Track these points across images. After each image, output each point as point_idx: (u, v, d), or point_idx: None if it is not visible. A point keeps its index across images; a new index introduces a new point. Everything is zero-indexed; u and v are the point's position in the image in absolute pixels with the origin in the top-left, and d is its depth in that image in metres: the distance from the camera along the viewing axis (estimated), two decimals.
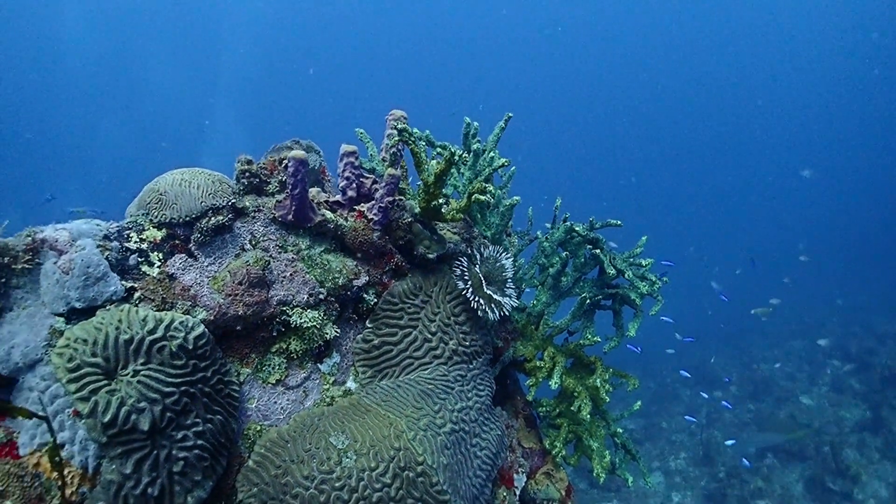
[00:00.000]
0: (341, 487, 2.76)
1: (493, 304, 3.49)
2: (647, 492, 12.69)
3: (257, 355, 3.02)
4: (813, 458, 12.63)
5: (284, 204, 3.10)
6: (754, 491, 12.04)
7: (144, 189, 3.01)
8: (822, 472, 12.11)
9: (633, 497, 12.55)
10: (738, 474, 12.58)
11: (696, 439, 14.33)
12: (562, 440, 4.11)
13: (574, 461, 4.21)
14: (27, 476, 2.44)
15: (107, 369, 2.45)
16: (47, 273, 2.57)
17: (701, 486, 12.77)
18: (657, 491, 12.84)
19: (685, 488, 12.83)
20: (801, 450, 12.85)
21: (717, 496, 12.17)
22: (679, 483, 13.03)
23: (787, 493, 11.92)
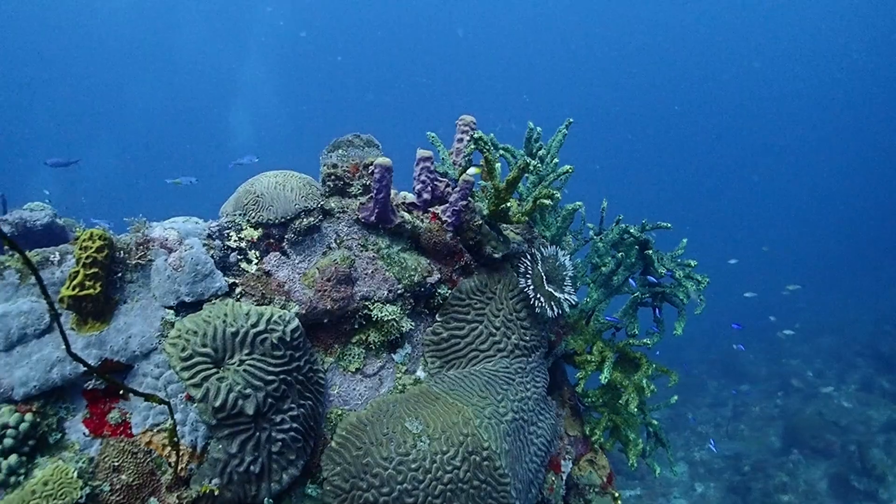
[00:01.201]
0: (417, 469, 3.07)
1: (552, 301, 3.77)
2: (671, 481, 12.95)
3: (339, 346, 3.34)
4: (839, 455, 12.79)
5: (368, 206, 3.40)
6: (778, 485, 12.24)
7: (240, 190, 3.32)
8: (848, 471, 12.26)
9: (657, 485, 12.81)
10: (763, 468, 12.80)
11: (721, 431, 14.56)
12: (602, 428, 4.41)
13: (609, 446, 4.51)
14: (140, 453, 2.76)
15: (215, 359, 2.77)
16: (159, 269, 2.88)
17: (725, 478, 13.00)
18: (681, 481, 13.10)
19: (709, 479, 13.07)
20: (827, 447, 13.02)
21: (740, 489, 12.39)
22: (703, 474, 13.27)
23: (812, 489, 12.11)
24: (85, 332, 2.71)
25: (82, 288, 2.64)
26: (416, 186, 3.65)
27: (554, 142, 4.19)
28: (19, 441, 2.53)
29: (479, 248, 3.72)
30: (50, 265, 2.76)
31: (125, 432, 2.76)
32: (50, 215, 5.64)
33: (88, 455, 2.67)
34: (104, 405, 2.76)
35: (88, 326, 2.71)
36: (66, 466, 2.59)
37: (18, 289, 2.71)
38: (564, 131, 4.18)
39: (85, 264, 2.64)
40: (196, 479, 2.73)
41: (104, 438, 2.73)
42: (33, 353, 2.62)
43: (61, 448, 2.66)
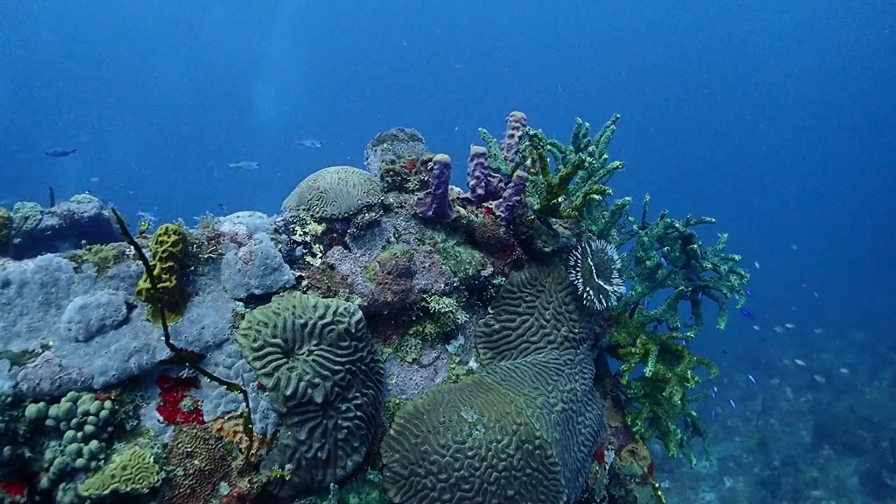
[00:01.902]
0: (473, 456, 3.18)
1: (601, 293, 3.87)
2: (700, 475, 13.00)
3: (397, 337, 3.46)
4: (871, 452, 12.77)
5: (425, 201, 3.51)
6: (809, 481, 12.26)
7: (303, 186, 3.45)
8: (880, 467, 12.24)
9: (686, 478, 12.87)
10: (793, 463, 12.82)
11: (750, 425, 14.58)
12: (643, 418, 4.52)
13: (649, 436, 4.61)
14: (211, 439, 2.89)
15: (285, 349, 2.90)
16: (229, 262, 3.01)
17: (754, 472, 13.03)
18: (709, 474, 13.14)
19: (738, 473, 13.10)
20: (858, 443, 13.01)
21: (770, 483, 12.42)
22: (732, 468, 13.30)
23: (843, 485, 12.12)
24: (160, 323, 2.84)
25: (159, 281, 2.77)
26: (471, 182, 3.75)
27: (602, 137, 4.27)
28: (99, 427, 2.67)
29: (530, 242, 3.82)
30: (126, 259, 2.89)
31: (197, 419, 2.90)
32: (97, 207, 5.81)
33: (162, 441, 2.81)
34: (177, 393, 2.90)
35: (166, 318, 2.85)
36: (143, 452, 2.72)
37: (96, 281, 2.85)
38: (613, 127, 4.27)
39: (161, 258, 2.77)
40: (266, 464, 2.86)
41: (177, 425, 2.86)
42: (111, 344, 2.76)
43: (137, 434, 2.80)
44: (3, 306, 2.71)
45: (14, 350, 2.66)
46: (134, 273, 2.88)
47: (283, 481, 2.86)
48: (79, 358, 2.70)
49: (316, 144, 9.01)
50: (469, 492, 3.15)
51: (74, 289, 2.81)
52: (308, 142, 9.07)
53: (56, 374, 2.64)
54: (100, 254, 2.87)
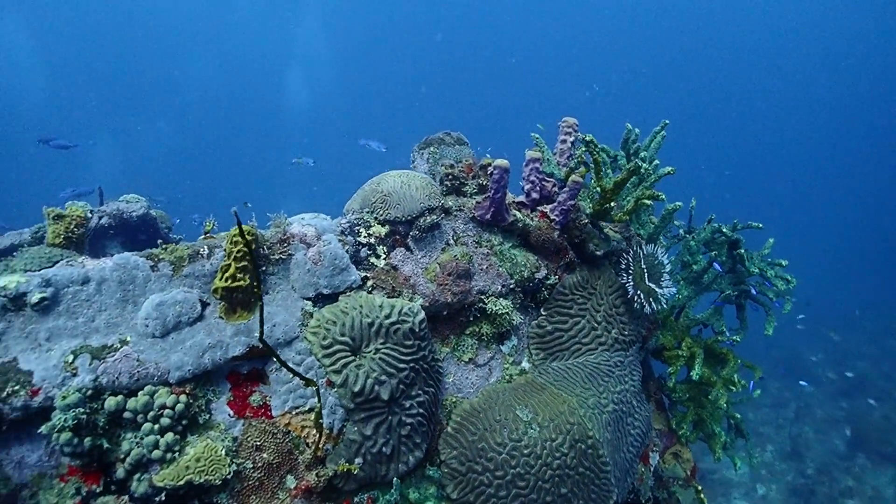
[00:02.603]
0: (529, 454, 3.29)
1: (651, 297, 3.96)
2: (732, 482, 12.95)
3: (455, 336, 3.58)
4: None
5: (484, 205, 3.63)
6: (844, 490, 12.17)
7: (366, 189, 3.58)
8: None
9: (718, 485, 12.82)
10: (828, 471, 12.74)
11: (783, 433, 14.50)
12: (688, 422, 4.59)
13: (693, 438, 4.69)
14: (279, 434, 3.02)
15: (353, 347, 3.02)
16: (298, 263, 3.14)
17: (787, 480, 12.95)
18: (741, 482, 13.09)
19: (770, 481, 13.03)
20: (895, 452, 12.91)
21: (803, 492, 12.34)
22: (764, 476, 13.23)
23: (879, 495, 12.01)
24: (233, 320, 2.97)
25: (234, 280, 2.90)
26: (526, 186, 3.87)
27: (653, 143, 4.36)
28: (174, 420, 2.80)
29: (582, 246, 3.92)
30: (200, 258, 3.03)
31: (265, 414, 3.02)
32: (145, 206, 6.00)
33: (232, 435, 2.94)
34: (246, 389, 3.03)
35: (237, 315, 2.98)
36: (216, 445, 2.85)
37: (172, 280, 2.99)
38: (663, 133, 4.36)
39: (236, 258, 2.91)
40: (332, 458, 2.99)
41: (246, 420, 2.99)
42: (186, 340, 2.90)
43: (208, 428, 2.93)
44: (83, 303, 2.86)
45: (94, 345, 2.80)
46: (208, 272, 3.02)
47: (348, 475, 2.98)
48: (155, 353, 2.84)
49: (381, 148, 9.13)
50: (524, 489, 3.26)
51: (151, 286, 2.96)
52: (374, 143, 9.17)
53: (134, 369, 2.78)
54: (175, 253, 3.02)
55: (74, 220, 3.86)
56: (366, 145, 9.38)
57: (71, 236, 3.84)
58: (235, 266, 2.91)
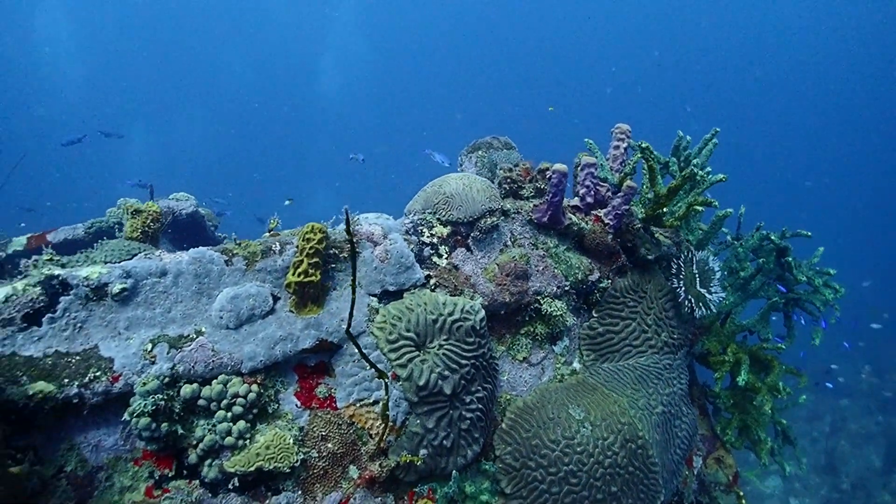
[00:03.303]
0: (581, 452, 3.42)
1: (700, 301, 4.07)
2: (765, 494, 12.94)
3: (510, 336, 3.72)
4: None
5: (541, 208, 3.77)
6: None
7: (428, 191, 3.73)
8: None
9: (751, 498, 12.80)
10: (863, 486, 12.69)
11: (818, 446, 14.46)
12: (733, 427, 4.69)
13: (739, 445, 4.78)
14: (343, 425, 3.17)
15: (418, 343, 3.17)
16: (366, 260, 3.30)
17: (821, 494, 12.92)
18: (774, 494, 13.07)
19: (804, 495, 13.00)
20: None
21: None
22: (798, 489, 13.20)
23: None
24: (304, 314, 3.13)
25: (306, 275, 3.06)
26: (580, 191, 4.00)
27: (705, 150, 4.47)
28: (246, 409, 2.96)
29: (633, 250, 4.04)
30: (272, 254, 3.20)
31: (331, 405, 3.18)
32: (194, 205, 6.21)
33: (299, 424, 3.09)
34: (313, 381, 3.19)
35: (307, 310, 3.14)
36: (284, 433, 3.01)
37: (245, 274, 3.16)
38: (715, 140, 4.47)
39: (308, 254, 3.07)
40: (394, 449, 3.14)
41: (312, 410, 3.15)
42: (259, 332, 3.06)
43: (276, 417, 3.09)
44: (160, 294, 3.03)
45: (171, 334, 2.97)
46: (280, 267, 3.19)
47: (409, 466, 3.12)
48: (229, 344, 3.00)
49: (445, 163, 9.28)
50: (576, 486, 3.38)
51: (225, 280, 3.12)
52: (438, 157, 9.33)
53: (209, 358, 2.95)
54: (248, 248, 3.19)
55: (151, 216, 4.06)
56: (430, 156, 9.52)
57: (147, 231, 4.05)
58: (308, 262, 3.07)
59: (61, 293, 2.89)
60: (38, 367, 2.75)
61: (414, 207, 3.75)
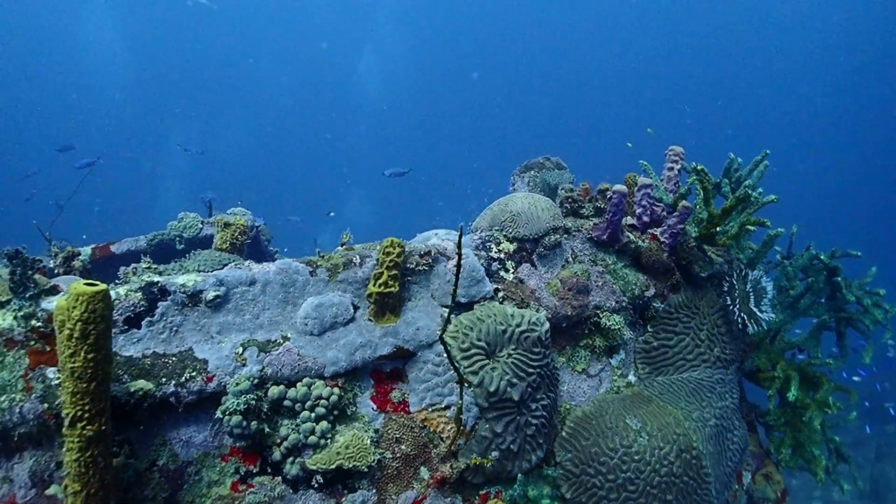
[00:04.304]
0: (639, 460, 3.67)
1: (752, 319, 4.32)
2: None
3: (570, 347, 4.00)
4: None
5: (601, 226, 4.05)
6: None
7: (494, 209, 4.04)
8: None
9: None
10: None
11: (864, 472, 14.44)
12: (787, 446, 4.89)
13: (794, 465, 4.97)
14: (416, 428, 3.46)
15: (488, 351, 3.46)
16: (439, 273, 3.61)
17: None
18: None
19: None
20: None
21: None
22: None
23: None
24: (382, 323, 3.44)
25: (386, 286, 3.37)
26: (637, 210, 4.27)
27: (756, 172, 4.72)
28: (328, 410, 3.25)
29: (687, 268, 4.31)
30: (353, 266, 3.51)
31: (404, 409, 3.47)
32: (250, 219, 6.56)
33: (375, 427, 3.38)
34: (388, 386, 3.48)
35: (385, 319, 3.45)
36: (362, 434, 3.30)
37: (328, 284, 3.47)
38: (766, 163, 4.72)
39: (388, 266, 3.37)
40: (464, 452, 3.41)
41: (387, 414, 3.44)
42: (340, 338, 3.36)
43: (354, 419, 3.38)
44: (249, 302, 3.35)
45: (259, 339, 3.28)
46: (360, 279, 3.49)
47: (478, 469, 3.40)
48: (313, 349, 3.31)
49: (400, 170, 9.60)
50: (633, 493, 3.64)
51: (308, 290, 3.44)
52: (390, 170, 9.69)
53: (295, 362, 3.25)
54: (331, 260, 3.50)
55: (238, 229, 4.42)
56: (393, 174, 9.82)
57: (235, 242, 4.41)
58: (388, 274, 3.37)
59: (159, 299, 3.21)
60: (137, 367, 3.07)
61: (481, 224, 4.06)
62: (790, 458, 4.92)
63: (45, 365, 3.03)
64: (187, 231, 6.34)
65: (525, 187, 5.32)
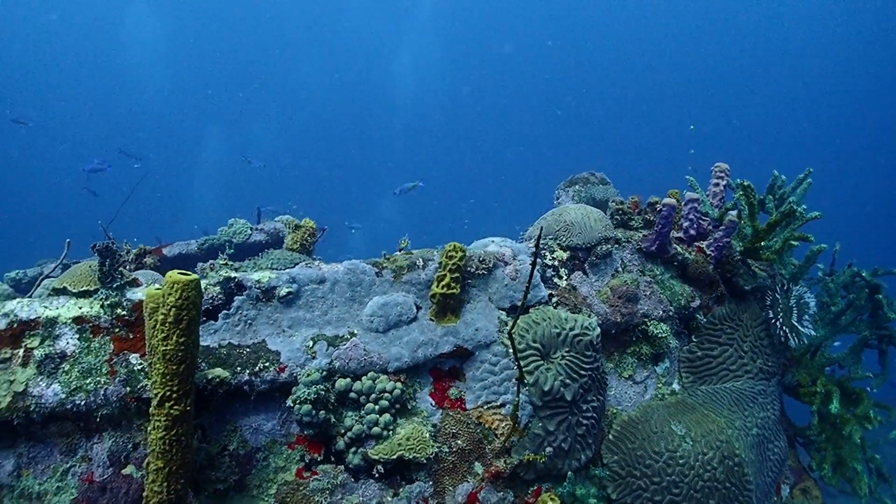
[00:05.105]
0: (683, 464, 3.88)
1: (794, 333, 4.53)
2: None
3: (618, 354, 4.23)
4: None
5: (650, 238, 4.30)
6: None
7: (548, 219, 4.31)
8: None
9: None
10: None
11: None
12: (829, 462, 5.05)
13: (835, 482, 5.13)
14: (471, 424, 3.70)
15: (542, 353, 3.71)
16: (497, 278, 3.87)
17: None
18: None
19: None
20: None
21: None
22: None
23: None
24: (443, 323, 3.70)
25: (449, 288, 3.64)
26: (684, 223, 4.52)
27: (800, 189, 4.95)
28: (391, 403, 3.51)
29: (732, 280, 4.53)
30: (416, 269, 3.78)
31: (461, 406, 3.72)
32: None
33: (432, 421, 3.63)
34: (445, 383, 3.74)
35: (446, 319, 3.71)
36: (421, 428, 3.54)
37: (392, 284, 3.74)
38: (809, 180, 4.94)
39: (450, 269, 3.64)
40: (517, 449, 3.65)
41: (444, 410, 3.68)
42: (404, 336, 3.63)
43: (413, 413, 3.63)
44: (318, 299, 3.63)
45: (328, 334, 3.55)
46: (423, 280, 3.76)
47: (529, 465, 3.63)
48: (378, 345, 3.57)
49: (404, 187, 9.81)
50: (678, 496, 3.85)
51: (374, 289, 3.71)
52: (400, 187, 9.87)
53: (362, 357, 3.51)
54: (396, 262, 3.77)
55: (308, 231, 4.74)
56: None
57: (305, 244, 4.72)
58: (450, 276, 3.64)
59: (236, 293, 3.50)
60: (214, 356, 3.36)
61: (534, 233, 4.32)
62: (832, 474, 5.05)
63: (129, 351, 3.32)
64: (237, 236, 6.64)
65: (570, 201, 5.57)
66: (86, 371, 3.23)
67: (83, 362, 3.25)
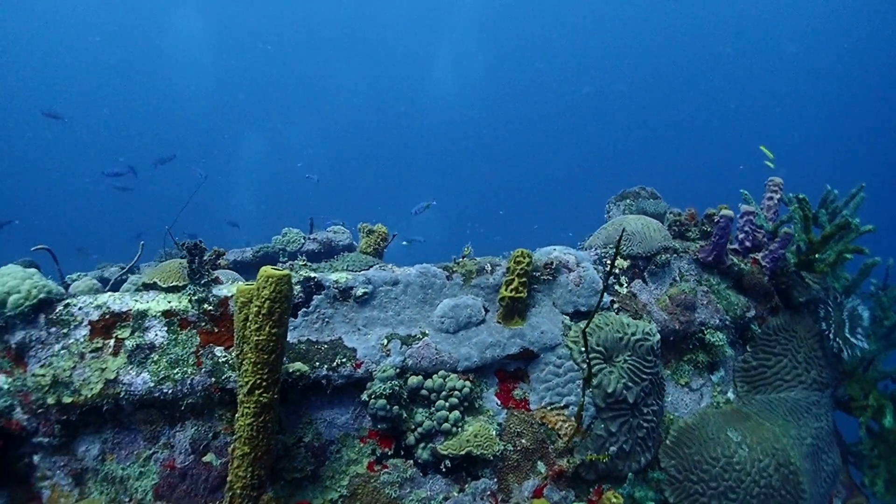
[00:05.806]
0: (740, 471, 4.05)
1: (848, 345, 4.70)
2: None
3: (675, 361, 4.43)
4: None
5: (706, 249, 4.51)
6: None
7: (609, 229, 4.54)
8: None
9: None
10: None
11: None
12: (883, 479, 5.16)
13: (889, 499, 5.22)
14: (535, 424, 3.90)
15: (605, 356, 3.93)
16: (561, 283, 4.10)
17: None
18: None
19: None
20: None
21: None
22: None
23: None
24: (510, 325, 3.93)
25: (517, 292, 3.87)
26: (740, 235, 4.72)
27: (853, 203, 5.12)
28: (460, 401, 3.73)
29: (787, 292, 4.71)
30: (485, 273, 4.03)
31: (525, 407, 3.93)
32: (349, 237, 7.16)
33: (498, 420, 3.84)
34: (510, 384, 3.95)
35: (513, 322, 3.94)
36: (488, 426, 3.76)
37: (462, 288, 3.99)
38: (862, 194, 5.13)
39: (518, 274, 3.88)
40: (579, 449, 3.86)
41: (509, 410, 3.89)
42: (473, 337, 3.86)
43: (480, 412, 3.84)
44: (391, 300, 3.88)
45: (401, 333, 3.80)
46: (491, 284, 4.01)
47: (591, 465, 3.83)
48: (448, 345, 3.81)
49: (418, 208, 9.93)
50: (734, 502, 4.00)
51: (445, 292, 3.96)
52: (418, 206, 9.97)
53: (433, 356, 3.74)
54: (466, 267, 4.02)
55: (381, 235, 5.04)
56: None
57: (377, 248, 5.02)
58: (518, 281, 3.87)
59: (315, 292, 3.76)
60: (294, 351, 3.61)
61: (595, 242, 4.56)
62: (885, 492, 5.13)
63: (214, 344, 3.59)
64: (290, 245, 6.94)
65: (620, 215, 5.79)
66: (173, 361, 3.50)
67: (171, 353, 3.52)
